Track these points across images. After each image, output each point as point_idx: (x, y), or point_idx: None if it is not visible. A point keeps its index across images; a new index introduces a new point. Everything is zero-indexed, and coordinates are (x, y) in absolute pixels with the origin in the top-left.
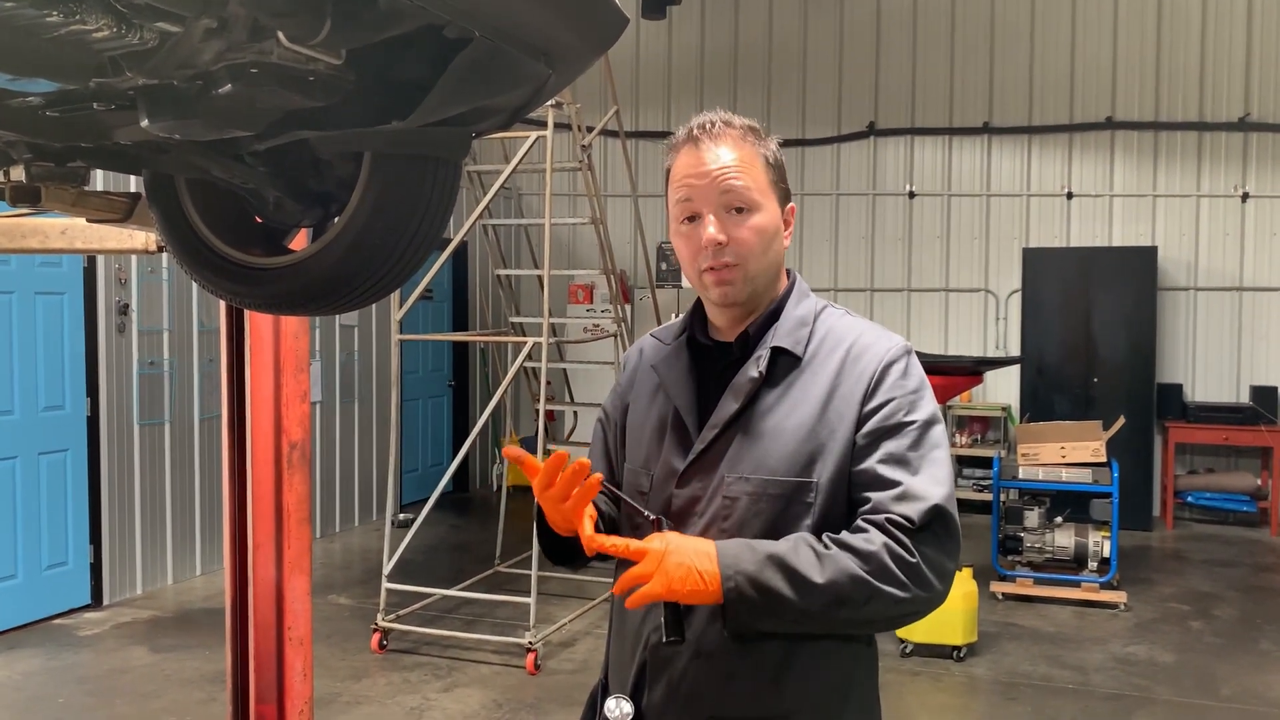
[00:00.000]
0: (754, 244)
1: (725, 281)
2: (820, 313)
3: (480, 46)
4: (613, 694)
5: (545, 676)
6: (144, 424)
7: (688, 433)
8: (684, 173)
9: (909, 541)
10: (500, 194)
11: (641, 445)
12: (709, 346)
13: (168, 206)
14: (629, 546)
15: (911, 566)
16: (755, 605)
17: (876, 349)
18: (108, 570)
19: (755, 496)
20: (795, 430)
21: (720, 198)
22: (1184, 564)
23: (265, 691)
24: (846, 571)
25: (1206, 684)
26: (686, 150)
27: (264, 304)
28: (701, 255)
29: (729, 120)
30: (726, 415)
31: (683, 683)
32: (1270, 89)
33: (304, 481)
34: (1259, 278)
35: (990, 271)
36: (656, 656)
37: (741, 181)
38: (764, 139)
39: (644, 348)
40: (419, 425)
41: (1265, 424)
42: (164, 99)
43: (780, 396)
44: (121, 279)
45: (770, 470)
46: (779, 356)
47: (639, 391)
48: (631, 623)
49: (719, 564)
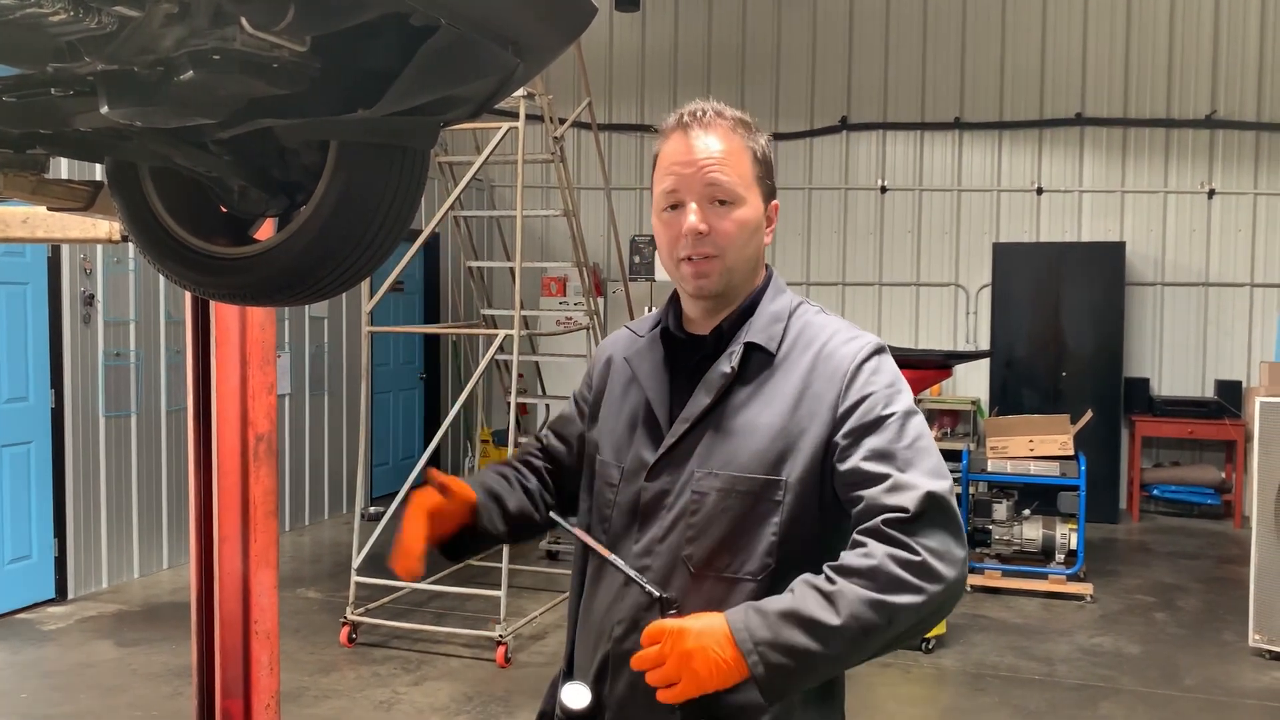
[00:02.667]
0: (735, 237)
1: (702, 273)
2: (795, 309)
3: (447, 34)
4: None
5: (516, 669)
6: (110, 416)
7: (659, 426)
8: (671, 159)
9: (909, 539)
10: (472, 185)
11: (613, 437)
12: (683, 340)
13: (130, 195)
14: (644, 657)
15: (918, 565)
16: (785, 670)
17: (848, 348)
18: (72, 564)
19: (724, 493)
20: (766, 428)
21: (705, 188)
22: (1149, 556)
23: (231, 686)
24: (860, 599)
25: (1170, 674)
26: (676, 137)
27: (229, 294)
28: (681, 243)
29: (721, 110)
30: (698, 410)
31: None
32: (1236, 87)
33: (271, 474)
34: (1224, 273)
35: (961, 266)
36: (619, 650)
37: (727, 174)
38: (754, 133)
39: (618, 339)
40: (390, 418)
41: (1229, 418)
42: (124, 85)
43: (753, 393)
44: (87, 269)
45: (740, 467)
46: (752, 352)
47: (612, 383)
48: (595, 614)
49: (735, 642)
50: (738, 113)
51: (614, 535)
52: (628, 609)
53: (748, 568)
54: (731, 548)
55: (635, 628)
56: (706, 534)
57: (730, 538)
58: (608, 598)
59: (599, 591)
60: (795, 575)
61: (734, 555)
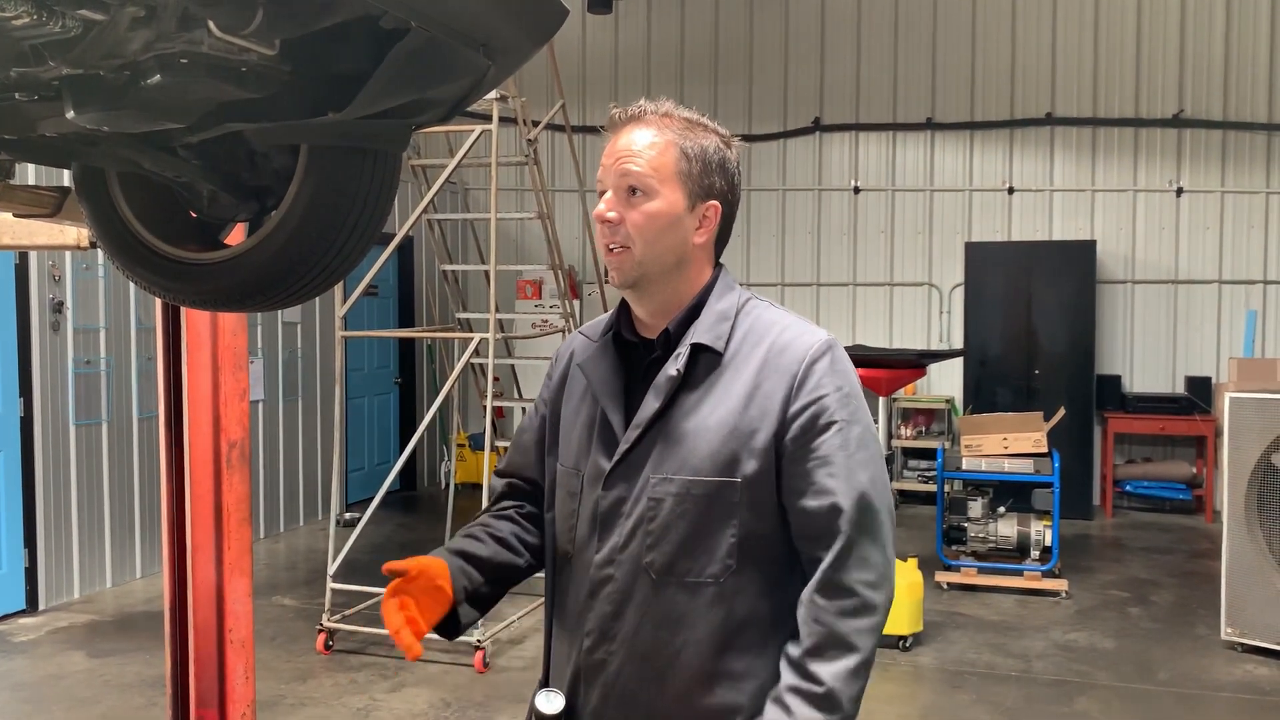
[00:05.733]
0: (643, 228)
1: (614, 264)
2: (743, 306)
3: (418, 37)
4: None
5: (494, 674)
6: (80, 424)
7: (613, 433)
8: (604, 152)
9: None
10: (446, 188)
11: (571, 445)
12: (634, 343)
13: (98, 201)
14: None
15: (863, 605)
16: None
17: (799, 345)
18: (43, 574)
19: (680, 497)
20: (718, 429)
21: (618, 178)
22: (1123, 552)
23: (206, 695)
24: (844, 675)
25: (1145, 669)
26: (610, 131)
27: (200, 300)
28: (601, 232)
29: (658, 108)
30: (648, 415)
31: (617, 684)
32: (1203, 86)
33: (244, 481)
34: (1193, 270)
35: (934, 265)
36: (590, 660)
37: (640, 165)
38: (697, 131)
39: (573, 344)
40: (365, 423)
41: (1200, 414)
42: (90, 89)
43: (703, 395)
44: (55, 275)
45: (694, 470)
46: (700, 354)
47: (570, 390)
48: (568, 626)
49: None
50: (684, 112)
51: (579, 544)
52: (595, 620)
53: (709, 570)
54: (692, 552)
55: (604, 638)
56: (666, 540)
57: (690, 542)
58: (577, 609)
59: (568, 603)
60: (754, 574)
61: (694, 559)
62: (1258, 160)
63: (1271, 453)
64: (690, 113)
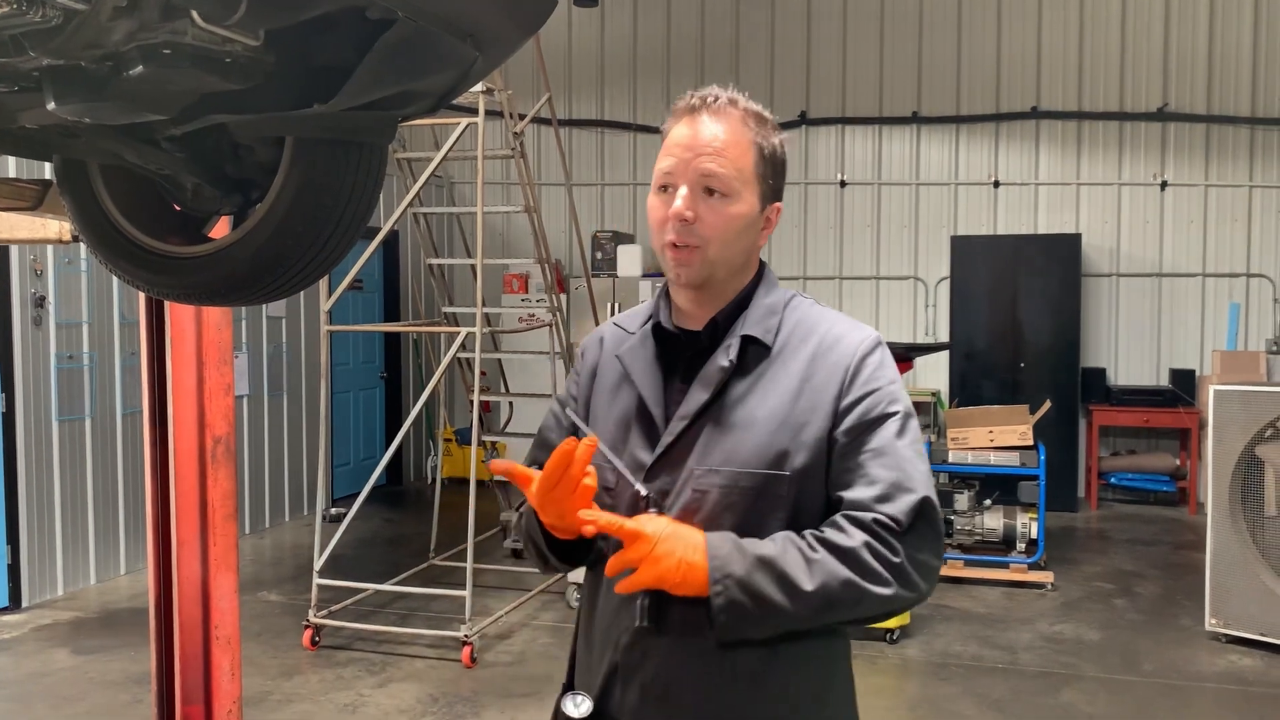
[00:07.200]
0: (720, 230)
1: (683, 262)
2: (789, 302)
3: (404, 28)
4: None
5: (482, 669)
6: (63, 420)
7: (654, 424)
8: (674, 140)
9: (895, 541)
10: (431, 182)
11: (605, 438)
12: (675, 335)
13: (80, 194)
14: (622, 526)
15: (896, 566)
16: (743, 611)
17: (849, 341)
18: (26, 571)
19: (726, 489)
20: (767, 421)
21: (699, 176)
22: (1108, 543)
23: (192, 692)
24: (836, 575)
25: (1130, 660)
26: (686, 119)
27: (184, 294)
28: (667, 227)
29: (736, 99)
30: (695, 406)
31: (656, 684)
32: (1186, 80)
33: (229, 477)
34: (1177, 264)
35: (920, 259)
36: (629, 658)
37: (723, 165)
38: (769, 130)
39: (605, 335)
40: (351, 418)
41: (1184, 406)
42: (71, 80)
43: (750, 387)
44: (37, 270)
45: (742, 462)
46: (748, 345)
47: (601, 382)
48: (601, 624)
49: (708, 565)
50: (756, 106)
51: (615, 540)
52: (634, 617)
53: None
54: None
55: (644, 634)
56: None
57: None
58: (613, 606)
59: (606, 600)
60: None
61: None
62: (1240, 154)
63: (1255, 445)
64: (756, 104)
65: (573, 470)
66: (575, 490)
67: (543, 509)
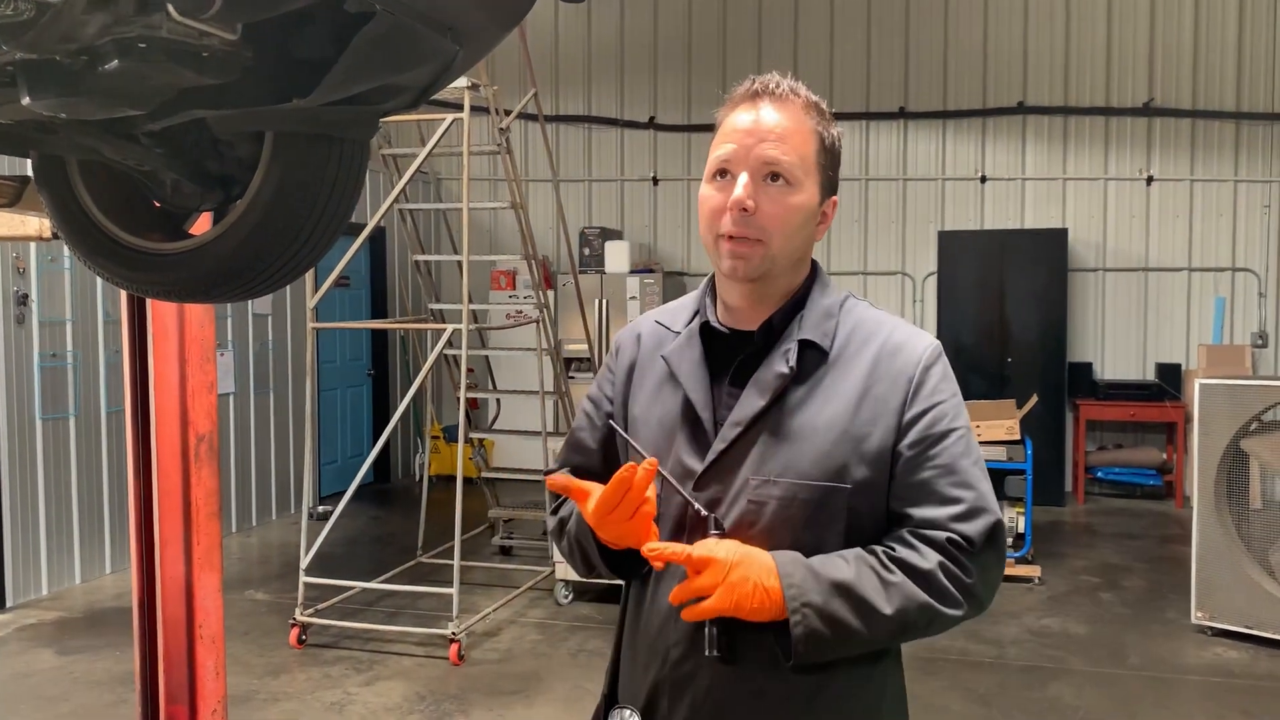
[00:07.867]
0: (783, 221)
1: (740, 255)
2: (844, 303)
3: (383, 21)
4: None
5: (469, 667)
6: (46, 418)
7: (702, 430)
8: (733, 125)
9: (968, 563)
10: (418, 178)
11: (647, 443)
12: (725, 334)
13: (58, 190)
14: (690, 555)
15: (968, 587)
16: (821, 639)
17: (912, 349)
18: (10, 571)
19: (785, 502)
20: (827, 430)
21: (761, 164)
22: (1095, 537)
23: (176, 691)
24: (913, 599)
25: (1117, 653)
26: (745, 104)
27: (165, 291)
28: (724, 219)
29: (797, 88)
30: (751, 412)
31: (708, 702)
32: (1172, 75)
33: (213, 475)
34: (1163, 258)
35: (907, 254)
36: (678, 673)
37: (788, 153)
38: (828, 120)
39: (642, 332)
40: (337, 415)
41: (1170, 400)
42: (46, 75)
43: (808, 394)
44: (20, 268)
45: (801, 473)
46: (806, 350)
47: (640, 381)
48: (646, 636)
49: (784, 594)
50: (815, 96)
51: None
52: (685, 630)
53: None
54: None
55: (695, 649)
56: (767, 546)
57: (792, 549)
58: (660, 619)
59: (653, 612)
60: None
61: None
62: (1226, 148)
63: (1240, 438)
64: (814, 95)
65: (632, 494)
66: (635, 515)
67: (600, 528)
